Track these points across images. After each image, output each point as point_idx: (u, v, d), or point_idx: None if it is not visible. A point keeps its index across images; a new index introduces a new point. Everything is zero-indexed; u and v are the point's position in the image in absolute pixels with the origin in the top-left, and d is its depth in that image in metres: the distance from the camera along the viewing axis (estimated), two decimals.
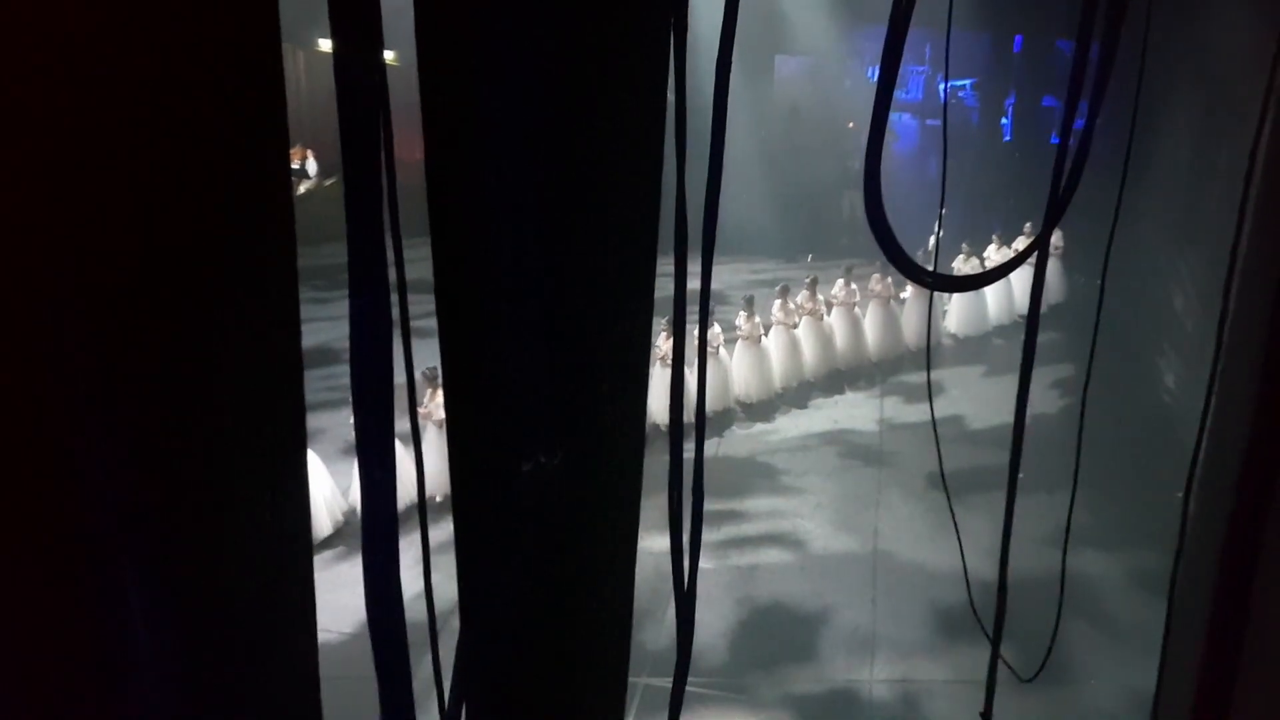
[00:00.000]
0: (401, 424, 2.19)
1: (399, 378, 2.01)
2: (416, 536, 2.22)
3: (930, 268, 2.93)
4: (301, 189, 18.77)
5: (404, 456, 2.81)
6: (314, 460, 10.04)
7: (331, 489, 10.85)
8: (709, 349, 13.78)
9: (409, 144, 1.97)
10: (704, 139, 1.98)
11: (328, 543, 10.44)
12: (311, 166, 19.76)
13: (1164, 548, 3.34)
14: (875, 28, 22.75)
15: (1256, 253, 2.78)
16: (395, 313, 1.97)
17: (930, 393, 3.35)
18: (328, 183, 19.21)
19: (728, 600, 10.17)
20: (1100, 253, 3.03)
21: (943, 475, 3.09)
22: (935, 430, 3.04)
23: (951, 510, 3.09)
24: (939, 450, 3.03)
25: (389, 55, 1.95)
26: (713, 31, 1.94)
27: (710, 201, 2.02)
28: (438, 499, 9.48)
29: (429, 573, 2.17)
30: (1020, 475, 2.73)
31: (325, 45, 19.89)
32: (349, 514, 10.86)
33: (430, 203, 1.98)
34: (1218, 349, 2.88)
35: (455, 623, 2.24)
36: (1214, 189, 13.17)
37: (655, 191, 2.01)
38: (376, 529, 2.07)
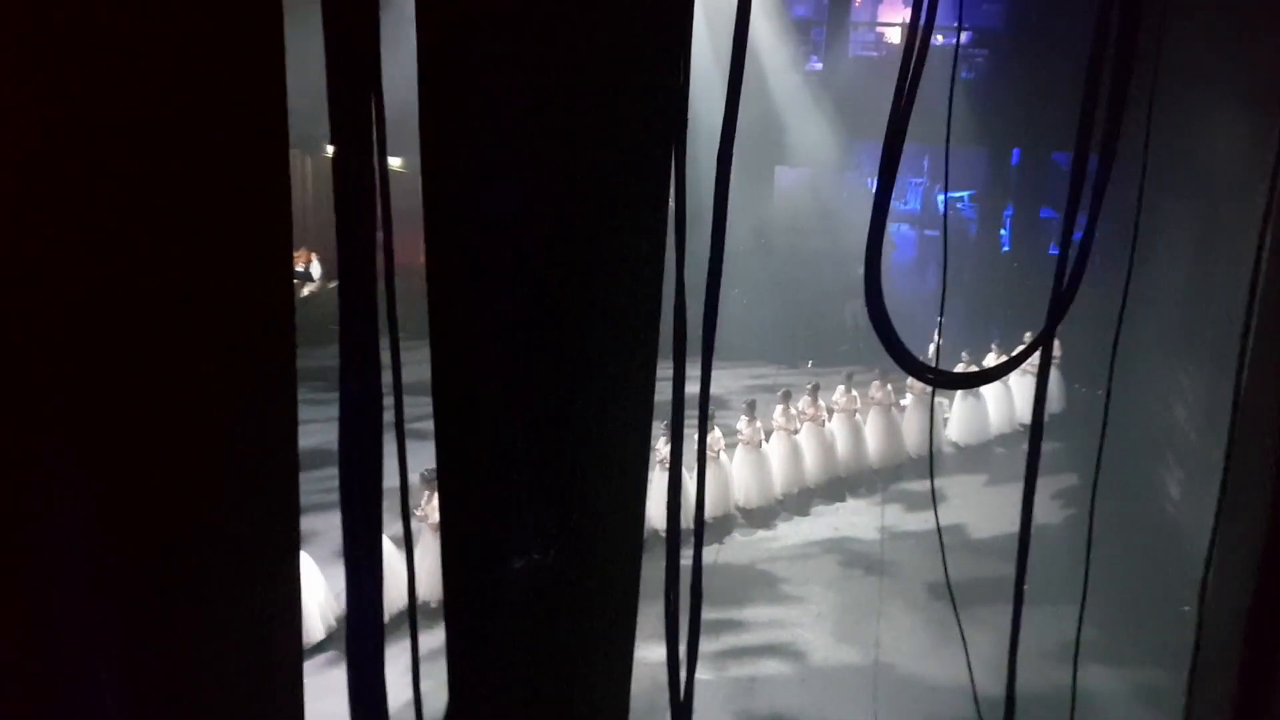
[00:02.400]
0: (395, 527, 2.16)
1: (393, 481, 1.99)
2: (408, 642, 2.17)
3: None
4: (305, 291, 18.89)
5: (398, 560, 2.77)
6: (308, 563, 9.90)
7: (325, 592, 10.67)
8: (710, 453, 13.68)
9: (410, 248, 1.99)
10: (706, 244, 2.00)
11: (320, 647, 10.23)
12: (316, 269, 19.91)
13: (1170, 664, 3.27)
14: (871, 141, 23.20)
15: (1262, 367, 2.79)
16: (390, 416, 1.96)
17: (935, 504, 3.31)
18: (331, 285, 19.35)
19: (726, 714, 9.94)
20: (1099, 362, 3.03)
21: (950, 589, 3.03)
22: (941, 543, 3.00)
23: (960, 625, 3.03)
24: (944, 563, 2.98)
25: (396, 162, 1.98)
26: (711, 138, 1.97)
27: (710, 304, 2.03)
28: (432, 604, 9.32)
29: (418, 679, 2.12)
30: (1025, 586, 2.68)
31: (331, 151, 20.25)
32: (342, 618, 10.67)
33: (430, 305, 1.99)
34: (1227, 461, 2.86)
35: None
36: (1213, 300, 13.25)
37: (656, 294, 2.02)
38: (363, 637, 2.03)
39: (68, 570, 1.68)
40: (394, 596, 2.14)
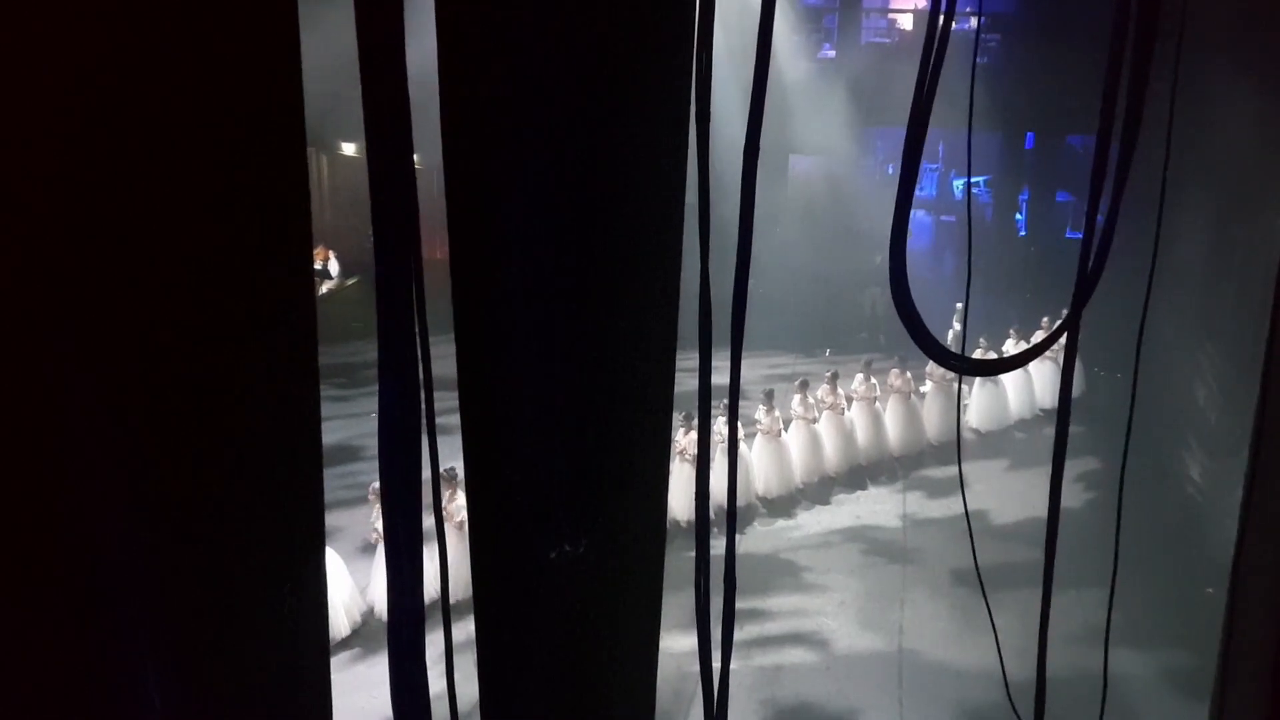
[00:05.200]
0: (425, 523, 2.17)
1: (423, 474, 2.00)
2: (437, 636, 2.18)
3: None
4: (324, 289, 18.96)
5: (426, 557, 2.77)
6: (333, 559, 9.95)
7: (350, 588, 10.73)
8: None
9: (431, 243, 2.00)
10: (726, 234, 1.99)
11: (345, 643, 10.29)
12: (334, 267, 19.99)
13: (1194, 646, 3.26)
14: (884, 129, 23.14)
15: None
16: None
17: (963, 490, 3.29)
18: (349, 283, 19.45)
19: (751, 702, 9.95)
20: (1118, 346, 3.01)
21: (979, 574, 3.01)
22: (970, 529, 2.97)
23: (989, 609, 3.01)
24: (973, 548, 2.96)
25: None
26: (730, 127, 1.97)
27: (738, 295, 2.02)
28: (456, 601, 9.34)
29: (451, 672, 2.13)
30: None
31: (347, 149, 20.25)
32: (367, 614, 10.73)
33: (455, 300, 2.00)
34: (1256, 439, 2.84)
35: None
36: (1232, 281, 13.16)
37: (674, 287, 2.02)
38: (403, 629, 2.04)
39: (93, 569, 1.70)
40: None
